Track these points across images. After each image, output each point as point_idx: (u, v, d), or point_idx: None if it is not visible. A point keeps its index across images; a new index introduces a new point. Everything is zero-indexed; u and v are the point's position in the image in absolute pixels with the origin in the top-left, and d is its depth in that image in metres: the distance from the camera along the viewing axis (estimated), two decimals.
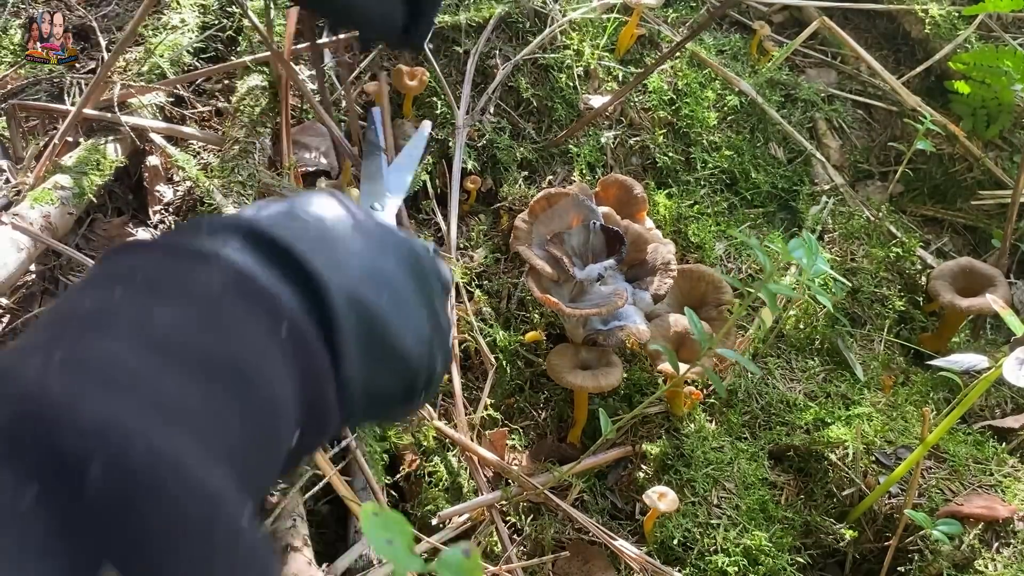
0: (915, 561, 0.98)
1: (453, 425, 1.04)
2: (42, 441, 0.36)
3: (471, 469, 1.02)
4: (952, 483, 1.04)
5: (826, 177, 1.35)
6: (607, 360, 1.02)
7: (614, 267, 1.02)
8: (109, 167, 1.20)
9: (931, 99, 1.44)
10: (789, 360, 1.17)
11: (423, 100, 1.25)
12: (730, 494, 1.02)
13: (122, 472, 0.37)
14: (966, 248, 1.37)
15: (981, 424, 1.14)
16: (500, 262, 1.19)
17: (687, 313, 0.93)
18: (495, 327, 1.12)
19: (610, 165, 1.27)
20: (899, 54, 1.53)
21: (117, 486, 0.37)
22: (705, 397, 1.10)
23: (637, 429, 1.07)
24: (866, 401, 1.12)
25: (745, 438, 1.08)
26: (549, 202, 1.05)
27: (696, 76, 1.34)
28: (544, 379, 1.11)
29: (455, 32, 1.30)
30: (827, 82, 1.47)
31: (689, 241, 1.23)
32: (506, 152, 1.23)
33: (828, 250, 1.27)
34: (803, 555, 1.00)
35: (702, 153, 1.30)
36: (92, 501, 0.36)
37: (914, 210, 1.39)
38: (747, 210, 1.30)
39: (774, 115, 1.35)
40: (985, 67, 1.32)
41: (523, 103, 1.28)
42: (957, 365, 0.94)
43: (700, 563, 0.97)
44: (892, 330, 1.23)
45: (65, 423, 0.37)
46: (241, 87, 1.27)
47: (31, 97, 1.33)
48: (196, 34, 1.39)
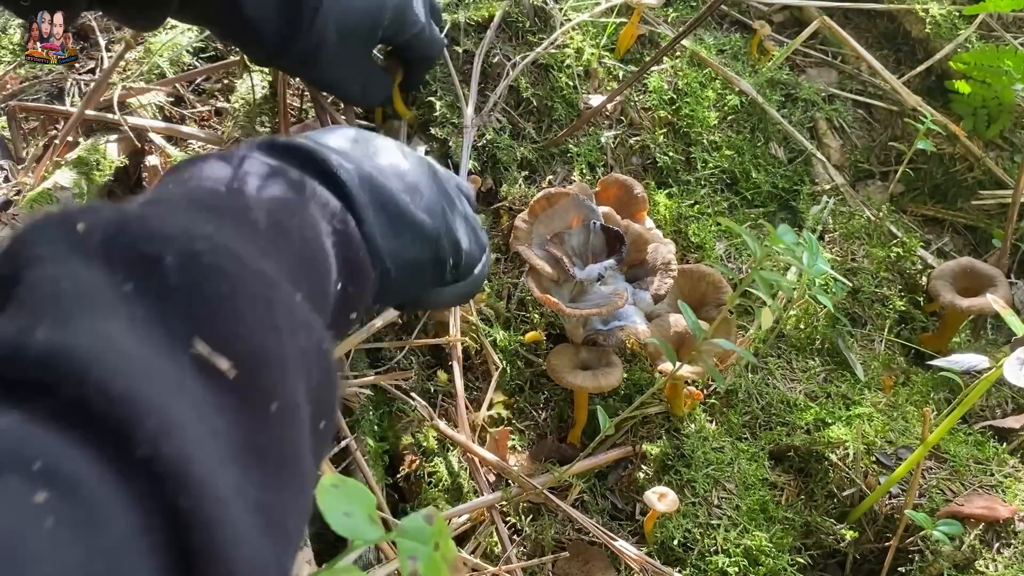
0: (915, 561, 0.98)
1: (453, 425, 1.04)
2: (128, 247, 0.45)
3: (471, 470, 1.02)
4: (953, 483, 1.04)
5: (827, 177, 1.35)
6: (607, 360, 1.02)
7: (614, 267, 1.02)
8: (109, 167, 1.20)
9: (932, 99, 1.44)
10: (789, 360, 1.17)
11: (422, 100, 1.25)
12: (730, 494, 1.02)
13: (191, 259, 0.45)
14: (967, 248, 1.37)
15: (982, 424, 1.13)
16: (500, 262, 1.19)
17: (681, 307, 0.92)
18: (495, 327, 1.12)
19: (610, 165, 1.27)
20: (899, 54, 1.53)
21: (189, 271, 0.45)
22: (705, 397, 1.10)
23: (637, 429, 1.07)
24: (867, 401, 1.11)
25: (745, 438, 1.08)
26: (549, 202, 1.04)
27: (696, 76, 1.34)
28: (544, 379, 1.11)
29: (455, 31, 1.30)
30: (827, 82, 1.47)
31: (689, 241, 1.23)
32: (506, 152, 1.23)
33: (829, 250, 1.26)
34: (803, 555, 1.00)
35: (702, 153, 1.30)
36: (173, 286, 0.44)
37: (915, 210, 1.39)
38: (748, 210, 1.30)
39: (774, 115, 1.35)
40: (986, 67, 1.32)
41: (523, 103, 1.28)
42: (958, 365, 0.94)
43: (700, 563, 0.97)
44: (893, 330, 1.23)
45: (141, 233, 0.46)
46: (240, 87, 1.27)
47: (31, 97, 1.33)
48: (196, 33, 1.39)
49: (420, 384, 1.09)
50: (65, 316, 0.39)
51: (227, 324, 0.44)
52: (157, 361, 0.41)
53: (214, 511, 0.37)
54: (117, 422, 0.36)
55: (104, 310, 0.41)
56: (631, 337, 0.99)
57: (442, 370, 1.11)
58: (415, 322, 1.13)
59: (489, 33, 1.29)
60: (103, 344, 0.39)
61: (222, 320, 0.44)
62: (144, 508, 0.36)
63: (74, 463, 0.35)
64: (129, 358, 0.39)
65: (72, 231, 0.44)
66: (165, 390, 0.39)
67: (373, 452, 1.02)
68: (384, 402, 1.08)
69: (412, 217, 0.73)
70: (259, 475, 0.43)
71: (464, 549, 0.96)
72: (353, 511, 0.48)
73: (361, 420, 1.04)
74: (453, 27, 1.30)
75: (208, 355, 0.43)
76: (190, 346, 0.43)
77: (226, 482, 0.40)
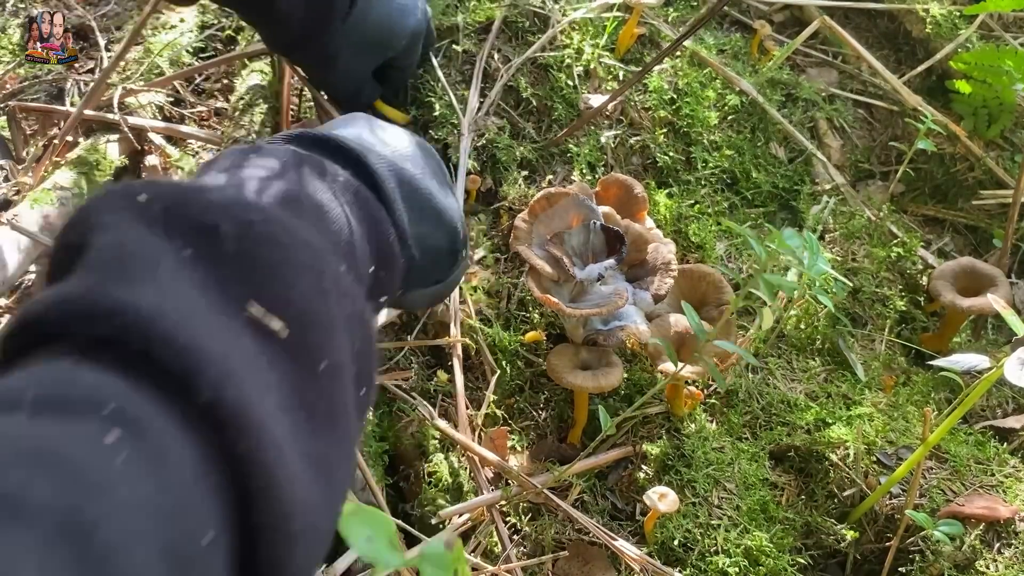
0: (916, 562, 0.98)
1: (453, 424, 1.04)
2: (187, 217, 0.47)
3: (471, 469, 1.02)
4: (953, 483, 1.03)
5: (827, 177, 1.35)
6: (607, 360, 1.02)
7: (614, 267, 1.02)
8: (109, 167, 1.20)
9: (932, 99, 1.44)
10: (790, 360, 1.17)
11: (422, 100, 1.25)
12: (731, 495, 1.02)
13: (246, 228, 0.48)
14: (967, 248, 1.37)
15: (982, 424, 1.13)
16: (500, 262, 1.19)
17: (684, 308, 0.92)
18: (495, 327, 1.12)
19: (610, 164, 1.27)
20: (900, 54, 1.52)
21: (245, 238, 0.47)
22: (706, 398, 1.10)
23: (637, 429, 1.07)
24: (867, 401, 1.11)
25: (746, 438, 1.08)
26: (549, 202, 1.04)
27: (697, 75, 1.34)
28: (544, 379, 1.11)
29: (453, 32, 1.30)
30: (828, 81, 1.46)
31: (690, 241, 1.23)
32: (506, 152, 1.23)
33: (829, 250, 1.26)
34: (804, 556, 1.00)
35: (703, 152, 1.30)
36: (230, 253, 0.47)
37: (915, 210, 1.39)
38: (748, 210, 1.30)
39: (775, 114, 1.35)
40: (986, 67, 1.32)
41: (523, 102, 1.28)
42: (958, 365, 0.94)
43: (701, 564, 0.97)
44: (893, 330, 1.23)
45: (199, 203, 0.48)
46: (240, 86, 1.27)
47: (31, 97, 1.33)
48: (195, 33, 1.39)
49: (420, 384, 1.09)
50: (131, 276, 0.42)
51: (279, 288, 0.47)
52: (216, 319, 0.44)
53: (271, 455, 0.40)
54: (181, 370, 0.39)
55: (167, 272, 0.44)
56: (631, 337, 0.98)
57: (442, 370, 1.11)
58: (415, 322, 1.13)
59: (491, 36, 1.29)
60: (167, 302, 0.41)
61: (275, 284, 0.47)
62: (207, 450, 0.39)
63: (141, 408, 0.38)
64: (191, 314, 0.42)
65: (134, 201, 0.47)
66: (224, 344, 0.42)
67: (373, 452, 1.02)
68: (384, 402, 1.08)
69: (435, 203, 0.76)
70: (309, 426, 0.45)
71: (464, 549, 0.96)
72: (375, 536, 0.49)
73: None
74: (452, 29, 1.30)
75: (262, 316, 0.45)
76: (245, 308, 0.45)
77: (282, 430, 0.42)
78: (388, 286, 0.68)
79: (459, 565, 0.49)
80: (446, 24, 1.30)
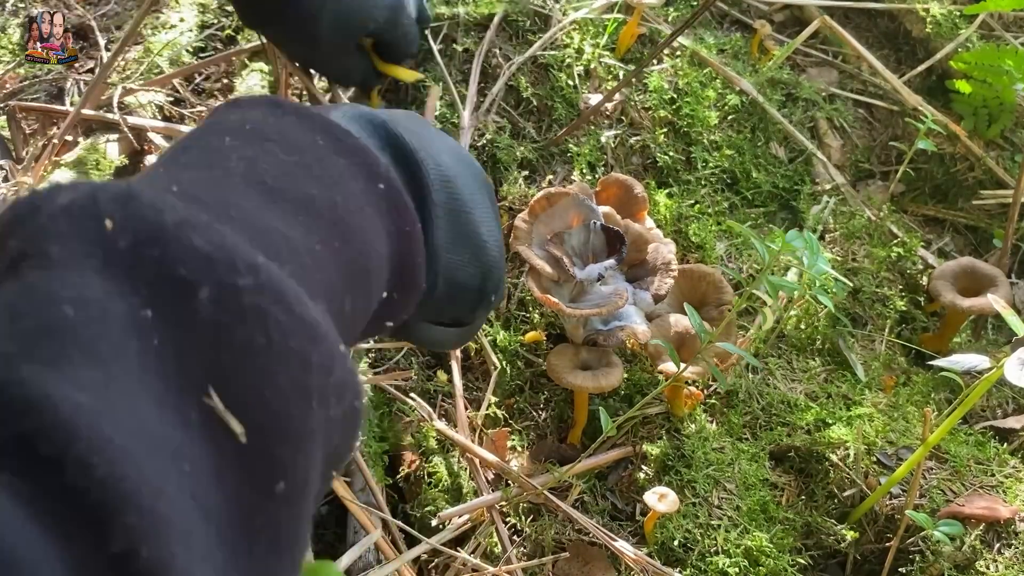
0: (916, 562, 0.98)
1: (453, 425, 1.04)
2: (158, 263, 0.38)
3: (471, 470, 1.02)
4: (953, 484, 1.03)
5: (827, 176, 1.35)
6: (607, 360, 1.02)
7: (614, 267, 1.02)
8: (108, 167, 1.20)
9: (932, 98, 1.43)
10: (790, 360, 1.17)
11: (421, 100, 1.25)
12: (731, 495, 1.02)
13: (230, 296, 0.38)
14: (967, 248, 1.37)
15: (982, 424, 1.13)
16: None
17: (686, 309, 0.92)
18: (495, 327, 1.12)
19: (610, 164, 1.27)
20: (900, 53, 1.52)
21: (224, 309, 0.38)
22: (706, 398, 1.10)
23: (638, 430, 1.07)
24: (867, 401, 1.11)
25: (746, 439, 1.08)
26: (549, 202, 1.04)
27: (697, 75, 1.34)
28: (544, 379, 1.10)
29: (453, 29, 1.30)
30: (828, 81, 1.46)
31: (690, 241, 1.23)
32: (506, 151, 1.23)
33: (829, 250, 1.26)
34: (804, 556, 1.00)
35: (703, 152, 1.30)
36: (201, 323, 0.38)
37: (915, 210, 1.39)
38: (748, 209, 1.30)
39: (775, 114, 1.35)
40: (986, 66, 1.32)
41: (523, 102, 1.28)
42: (958, 365, 0.94)
43: (701, 564, 0.97)
44: (893, 330, 1.23)
45: (177, 248, 0.38)
46: (240, 86, 1.27)
47: (31, 97, 1.33)
48: (195, 33, 1.39)
49: (420, 384, 1.09)
50: (58, 354, 0.34)
51: (252, 381, 0.39)
52: (159, 424, 0.36)
53: None
54: (96, 506, 0.32)
55: (110, 346, 0.36)
56: (631, 337, 0.98)
57: (442, 370, 1.11)
58: None
59: (489, 32, 1.29)
60: (100, 399, 0.34)
61: (247, 375, 0.39)
62: None
63: (29, 548, 0.30)
64: (127, 416, 0.34)
65: (98, 228, 0.38)
66: (160, 471, 0.34)
67: (373, 452, 1.02)
68: (384, 402, 1.08)
69: (480, 234, 0.66)
70: (247, 562, 0.38)
71: (464, 549, 0.96)
72: None
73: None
74: (452, 25, 1.30)
75: (221, 412, 0.38)
76: (202, 397, 0.38)
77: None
78: (398, 311, 0.60)
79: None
80: (447, 14, 1.30)
